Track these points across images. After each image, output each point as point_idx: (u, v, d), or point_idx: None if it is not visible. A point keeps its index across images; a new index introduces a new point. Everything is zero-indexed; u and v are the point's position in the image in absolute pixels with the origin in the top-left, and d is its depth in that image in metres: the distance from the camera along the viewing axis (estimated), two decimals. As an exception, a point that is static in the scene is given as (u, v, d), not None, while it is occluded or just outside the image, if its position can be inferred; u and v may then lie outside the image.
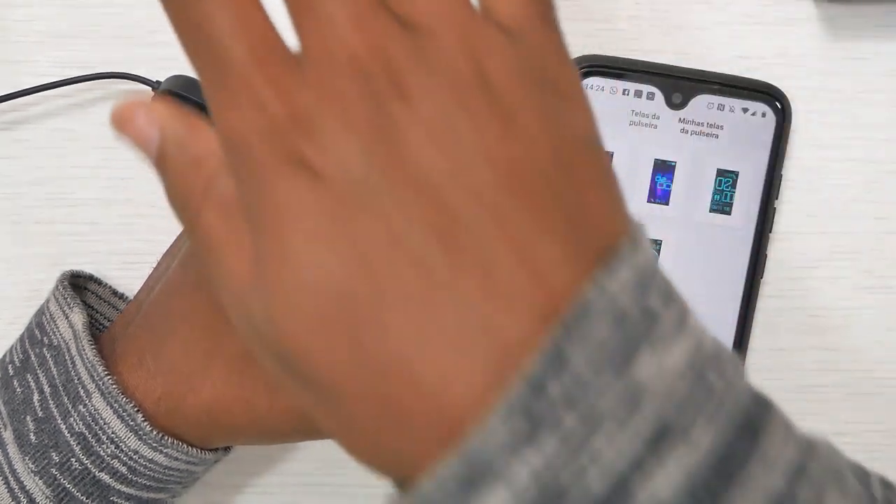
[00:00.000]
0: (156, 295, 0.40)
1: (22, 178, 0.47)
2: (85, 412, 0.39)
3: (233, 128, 0.25)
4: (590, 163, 0.26)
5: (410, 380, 0.23)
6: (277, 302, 0.25)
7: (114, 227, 0.47)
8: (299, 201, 0.24)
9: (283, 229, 0.24)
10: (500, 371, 0.23)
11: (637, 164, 0.45)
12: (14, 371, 0.41)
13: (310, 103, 0.25)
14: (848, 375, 0.49)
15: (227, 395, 0.38)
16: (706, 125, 0.45)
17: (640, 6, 0.47)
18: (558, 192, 0.25)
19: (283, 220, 0.25)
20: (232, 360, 0.38)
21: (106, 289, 0.46)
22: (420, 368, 0.23)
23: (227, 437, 0.40)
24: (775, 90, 0.46)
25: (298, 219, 0.24)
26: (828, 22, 0.47)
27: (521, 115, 0.25)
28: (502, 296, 0.23)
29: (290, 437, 0.39)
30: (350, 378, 0.24)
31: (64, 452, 0.39)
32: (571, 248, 0.24)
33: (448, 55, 0.25)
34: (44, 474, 0.39)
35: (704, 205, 0.46)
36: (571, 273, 0.24)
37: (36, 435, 0.39)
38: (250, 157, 0.25)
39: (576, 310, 0.23)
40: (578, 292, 0.24)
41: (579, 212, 0.25)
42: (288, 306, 0.24)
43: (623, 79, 0.45)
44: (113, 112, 0.28)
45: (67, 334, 0.41)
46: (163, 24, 0.46)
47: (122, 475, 0.39)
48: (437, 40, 0.25)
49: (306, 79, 0.25)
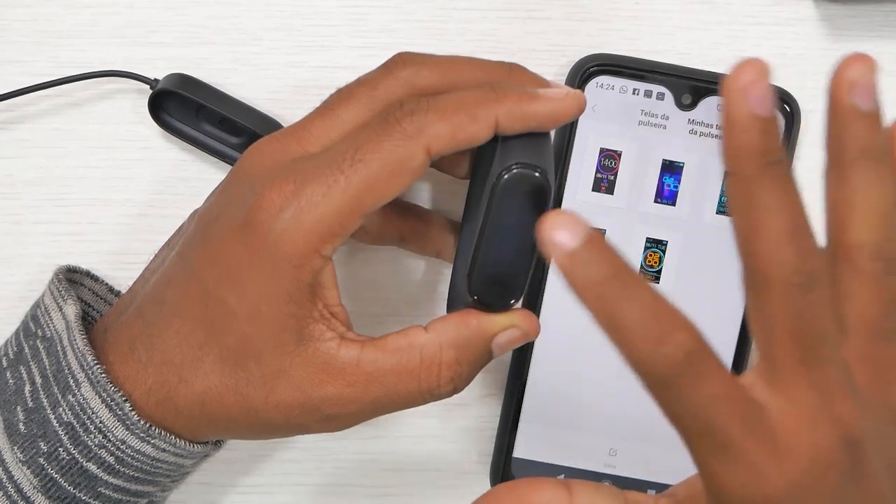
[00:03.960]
0: (151, 286, 0.40)
1: (22, 178, 0.46)
2: (74, 401, 0.39)
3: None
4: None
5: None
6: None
7: (114, 227, 0.47)
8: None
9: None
10: None
11: (645, 165, 0.45)
12: (7, 363, 0.41)
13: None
14: (848, 375, 0.49)
15: (220, 387, 0.38)
16: (715, 127, 0.45)
17: (640, 6, 0.47)
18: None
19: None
20: (226, 351, 0.37)
21: (102, 285, 0.46)
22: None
23: (219, 430, 0.40)
24: (784, 93, 0.46)
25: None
26: (828, 22, 0.47)
27: None
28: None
29: (283, 431, 0.39)
30: None
31: (52, 442, 0.39)
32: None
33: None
34: (31, 464, 0.39)
35: (711, 206, 0.46)
36: None
37: (25, 425, 0.39)
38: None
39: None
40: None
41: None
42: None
43: (633, 79, 0.45)
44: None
45: (60, 326, 0.41)
46: (161, 23, 0.46)
47: (110, 465, 0.39)
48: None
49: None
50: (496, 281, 0.38)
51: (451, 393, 0.39)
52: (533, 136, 0.37)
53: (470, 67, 0.39)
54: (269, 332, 0.37)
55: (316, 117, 0.38)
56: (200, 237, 0.38)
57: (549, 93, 0.37)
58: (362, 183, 0.36)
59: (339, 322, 0.38)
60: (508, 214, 0.37)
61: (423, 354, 0.38)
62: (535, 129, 0.37)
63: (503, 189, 0.37)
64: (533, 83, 0.39)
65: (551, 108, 0.37)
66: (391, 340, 0.38)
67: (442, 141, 0.36)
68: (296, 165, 0.37)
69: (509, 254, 0.38)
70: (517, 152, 0.37)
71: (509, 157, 0.37)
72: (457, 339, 0.38)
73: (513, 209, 0.37)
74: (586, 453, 0.47)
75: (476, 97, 0.37)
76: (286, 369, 0.37)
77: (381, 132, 0.36)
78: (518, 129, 0.37)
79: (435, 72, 0.38)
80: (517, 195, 0.37)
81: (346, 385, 0.37)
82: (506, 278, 0.38)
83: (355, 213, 0.36)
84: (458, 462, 0.49)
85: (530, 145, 0.37)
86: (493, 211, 0.37)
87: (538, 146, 0.37)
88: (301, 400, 0.37)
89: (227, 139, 0.46)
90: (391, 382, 0.37)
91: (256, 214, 0.36)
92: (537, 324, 0.39)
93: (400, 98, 0.37)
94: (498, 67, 0.39)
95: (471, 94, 0.37)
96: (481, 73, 0.39)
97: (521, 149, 0.37)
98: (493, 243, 0.38)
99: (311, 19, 0.46)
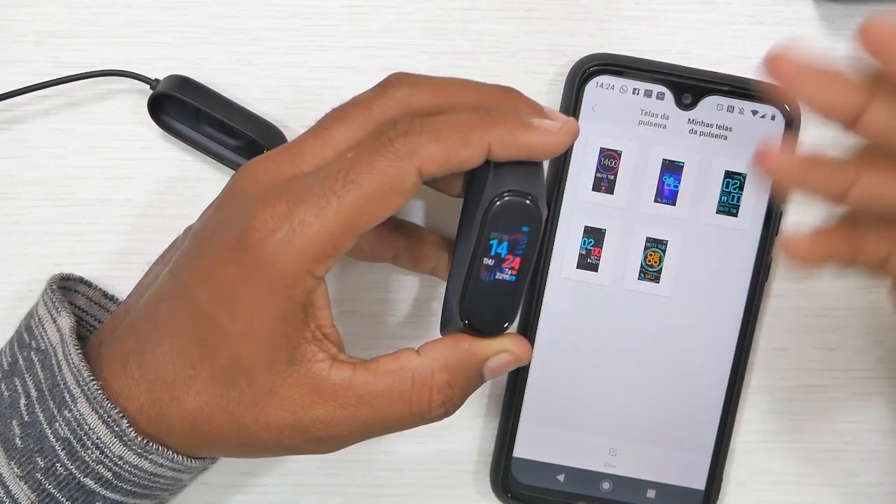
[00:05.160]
0: (144, 302, 0.40)
1: (22, 178, 0.46)
2: (70, 417, 0.39)
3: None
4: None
5: None
6: None
7: (114, 227, 0.47)
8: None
9: None
10: None
11: (645, 164, 0.45)
12: (2, 374, 0.41)
13: None
14: (848, 375, 0.49)
15: (212, 405, 0.38)
16: (715, 126, 0.45)
17: (640, 6, 0.47)
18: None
19: None
20: (217, 370, 0.37)
21: (96, 291, 0.46)
22: None
23: (211, 448, 0.40)
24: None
25: None
26: (828, 22, 0.47)
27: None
28: None
29: (273, 451, 0.39)
30: None
31: (49, 457, 0.39)
32: None
33: None
34: (29, 479, 0.39)
35: (711, 206, 0.46)
36: None
37: (21, 439, 0.39)
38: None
39: None
40: None
41: None
42: None
43: (633, 78, 0.45)
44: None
45: (55, 338, 0.40)
46: (161, 23, 0.46)
47: (107, 481, 0.39)
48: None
49: None
50: (488, 307, 0.38)
51: (442, 417, 0.39)
52: (526, 162, 0.37)
53: (465, 89, 0.39)
54: (260, 352, 0.37)
55: (310, 136, 0.38)
56: (194, 255, 0.38)
57: (544, 124, 0.37)
58: (355, 204, 0.36)
59: (331, 343, 0.38)
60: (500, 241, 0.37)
61: (415, 378, 0.38)
62: (526, 159, 0.37)
63: (495, 216, 0.37)
64: (528, 109, 0.39)
65: (545, 141, 0.37)
66: (383, 363, 0.38)
67: (434, 163, 0.36)
68: (289, 186, 0.37)
69: (501, 280, 0.38)
70: (509, 179, 0.37)
71: (501, 184, 0.37)
72: (448, 363, 0.38)
73: (504, 236, 0.37)
74: (586, 453, 0.47)
75: (471, 120, 0.36)
76: (277, 389, 0.37)
77: (374, 152, 0.36)
78: (510, 156, 0.37)
79: (430, 93, 0.38)
80: (509, 222, 0.37)
81: (336, 407, 0.37)
82: (498, 304, 0.38)
83: (348, 233, 0.36)
84: (458, 462, 0.49)
85: (523, 172, 0.37)
86: (484, 238, 0.37)
87: (530, 173, 0.37)
88: (291, 421, 0.37)
89: (226, 141, 0.46)
90: (382, 405, 0.37)
91: (250, 234, 0.36)
92: (529, 349, 0.39)
93: (394, 118, 0.37)
94: (494, 91, 0.39)
95: (466, 118, 0.37)
96: (477, 96, 0.39)
97: (513, 175, 0.37)
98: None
99: (311, 19, 0.46)
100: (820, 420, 0.49)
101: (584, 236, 0.46)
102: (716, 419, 0.47)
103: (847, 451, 0.49)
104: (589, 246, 0.46)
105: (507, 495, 0.47)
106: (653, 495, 0.47)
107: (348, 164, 0.36)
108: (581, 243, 0.46)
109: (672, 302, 0.46)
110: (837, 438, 0.49)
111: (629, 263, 0.46)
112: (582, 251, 0.46)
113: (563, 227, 0.46)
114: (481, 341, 0.39)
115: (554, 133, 0.37)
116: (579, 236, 0.46)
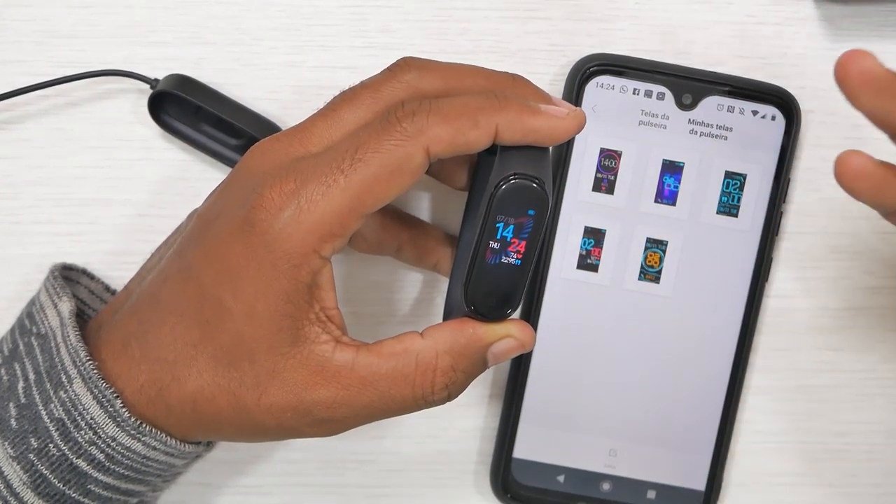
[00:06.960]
0: (147, 283, 0.40)
1: (22, 178, 0.46)
2: (65, 398, 0.39)
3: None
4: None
5: None
6: None
7: (113, 228, 0.47)
8: None
9: None
10: None
11: (645, 165, 0.45)
12: (2, 360, 0.41)
13: None
14: (848, 375, 0.49)
15: (213, 386, 0.38)
16: (715, 127, 0.45)
17: (640, 6, 0.47)
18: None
19: None
20: (220, 350, 0.37)
21: (98, 283, 0.46)
22: None
23: (210, 431, 0.40)
24: (785, 94, 0.46)
25: None
26: (828, 22, 0.47)
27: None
28: None
29: (273, 434, 0.39)
30: None
31: (42, 438, 0.39)
32: None
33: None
34: (21, 459, 0.39)
35: (711, 206, 0.46)
36: None
37: (17, 421, 0.39)
38: None
39: None
40: None
41: None
42: None
43: (634, 78, 0.45)
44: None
45: (55, 322, 0.41)
46: (161, 23, 0.46)
47: (100, 462, 0.39)
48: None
49: None
50: (492, 291, 0.38)
51: (445, 400, 0.38)
52: (532, 148, 0.37)
53: (474, 75, 0.39)
54: (263, 332, 0.37)
55: (318, 118, 0.38)
56: (199, 236, 0.38)
57: (551, 110, 0.37)
58: (362, 182, 0.36)
59: (334, 325, 0.38)
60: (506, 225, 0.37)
61: (419, 360, 0.38)
62: (533, 143, 0.37)
63: (501, 199, 0.37)
64: (535, 96, 0.39)
65: (552, 125, 0.37)
66: (387, 345, 0.38)
67: (442, 143, 0.36)
68: (296, 165, 0.37)
69: (506, 264, 0.38)
70: (516, 163, 0.37)
71: (508, 168, 0.37)
72: (453, 347, 0.38)
73: (510, 220, 0.37)
74: (586, 453, 0.47)
75: (479, 103, 0.37)
76: (279, 370, 0.37)
77: (382, 131, 0.36)
78: (517, 140, 0.37)
79: (439, 77, 0.38)
80: (515, 205, 0.37)
81: (339, 388, 0.37)
82: (502, 288, 0.38)
83: (355, 212, 0.36)
84: (458, 462, 0.49)
85: (529, 157, 0.37)
86: (490, 221, 0.37)
87: (537, 158, 0.37)
88: (293, 402, 0.37)
89: (227, 140, 0.46)
90: (385, 387, 0.37)
91: (256, 213, 0.36)
92: (533, 335, 0.39)
93: (403, 100, 0.37)
94: (502, 77, 0.39)
95: (474, 100, 0.37)
96: (485, 82, 0.39)
97: (520, 160, 0.37)
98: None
99: (311, 19, 0.46)
100: (820, 420, 0.49)
101: (584, 237, 0.46)
102: (716, 419, 0.47)
103: (847, 451, 0.49)
104: (589, 246, 0.46)
105: (506, 496, 0.47)
106: (653, 496, 0.47)
107: (356, 144, 0.36)
108: (581, 244, 0.46)
109: (672, 302, 0.46)
110: (837, 439, 0.49)
111: (629, 264, 0.46)
112: (582, 251, 0.46)
113: (563, 227, 0.46)
114: (486, 326, 0.38)
115: (561, 118, 0.37)
116: (579, 236, 0.46)
